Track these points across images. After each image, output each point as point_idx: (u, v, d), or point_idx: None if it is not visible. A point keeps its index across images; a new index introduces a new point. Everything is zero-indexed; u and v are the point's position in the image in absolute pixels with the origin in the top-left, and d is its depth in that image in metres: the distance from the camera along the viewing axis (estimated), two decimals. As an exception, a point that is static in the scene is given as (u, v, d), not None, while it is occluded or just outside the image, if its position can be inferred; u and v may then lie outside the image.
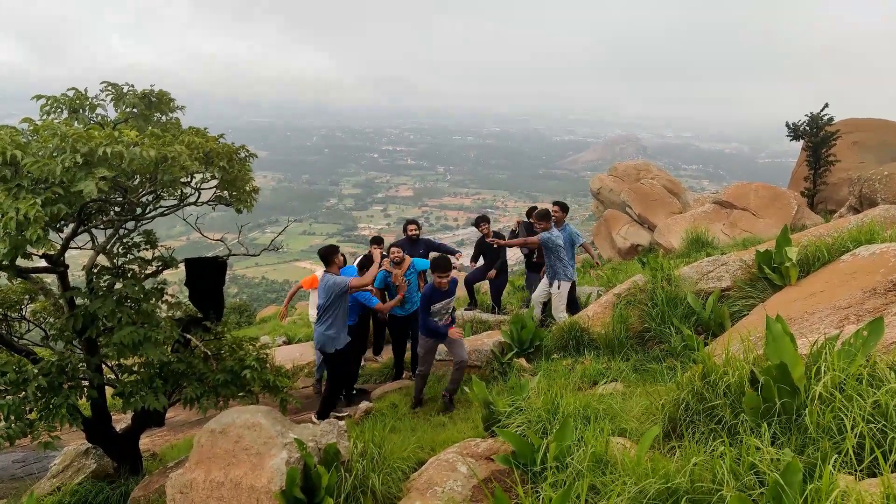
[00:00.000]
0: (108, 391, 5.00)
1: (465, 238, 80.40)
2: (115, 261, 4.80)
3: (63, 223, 4.34)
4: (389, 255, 7.11)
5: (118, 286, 4.51)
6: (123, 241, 4.85)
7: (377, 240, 7.64)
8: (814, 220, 13.58)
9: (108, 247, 4.71)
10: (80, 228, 4.43)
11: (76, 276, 4.75)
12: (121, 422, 6.51)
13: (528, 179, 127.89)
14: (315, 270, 7.33)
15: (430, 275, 6.14)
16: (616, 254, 17.88)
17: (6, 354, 4.46)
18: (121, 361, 4.80)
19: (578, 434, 3.41)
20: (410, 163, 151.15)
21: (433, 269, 5.98)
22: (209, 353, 4.91)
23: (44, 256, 4.30)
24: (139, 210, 4.64)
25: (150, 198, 4.63)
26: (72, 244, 4.51)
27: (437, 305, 5.93)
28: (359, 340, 7.07)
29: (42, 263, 4.40)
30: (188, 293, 5.41)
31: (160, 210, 4.86)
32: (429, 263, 6.97)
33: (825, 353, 2.94)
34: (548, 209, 7.49)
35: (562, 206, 7.88)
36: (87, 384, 4.65)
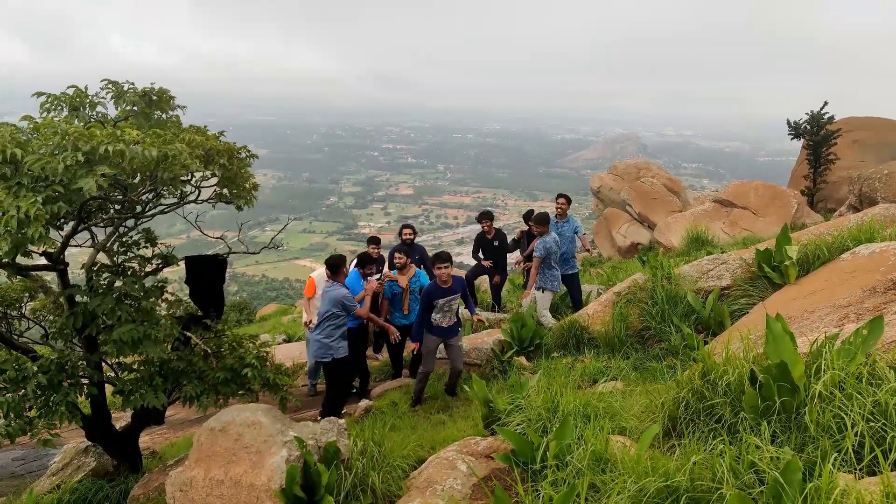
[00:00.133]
0: (108, 389, 4.99)
1: (465, 236, 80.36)
2: (115, 259, 4.80)
3: (63, 221, 4.33)
4: (394, 261, 7.07)
5: (118, 284, 4.51)
6: (123, 239, 4.85)
7: (374, 240, 7.65)
8: (814, 219, 13.59)
9: (108, 245, 4.71)
10: (81, 226, 4.43)
11: (76, 274, 4.74)
12: (120, 420, 6.52)
13: (529, 178, 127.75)
14: (313, 271, 7.31)
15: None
16: (616, 252, 17.88)
17: (6, 352, 4.45)
18: (120, 359, 4.80)
19: (578, 432, 3.42)
20: (411, 161, 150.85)
21: (434, 262, 5.97)
22: (209, 351, 4.91)
23: (44, 254, 4.30)
24: (139, 208, 4.64)
25: (151, 196, 4.63)
26: (72, 242, 4.50)
27: (441, 301, 5.86)
28: (359, 341, 7.04)
29: (42, 261, 4.40)
30: (188, 291, 5.41)
31: (160, 208, 4.85)
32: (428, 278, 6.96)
33: (825, 352, 2.94)
34: (546, 213, 7.73)
35: (567, 199, 8.31)
36: (87, 382, 4.66)
